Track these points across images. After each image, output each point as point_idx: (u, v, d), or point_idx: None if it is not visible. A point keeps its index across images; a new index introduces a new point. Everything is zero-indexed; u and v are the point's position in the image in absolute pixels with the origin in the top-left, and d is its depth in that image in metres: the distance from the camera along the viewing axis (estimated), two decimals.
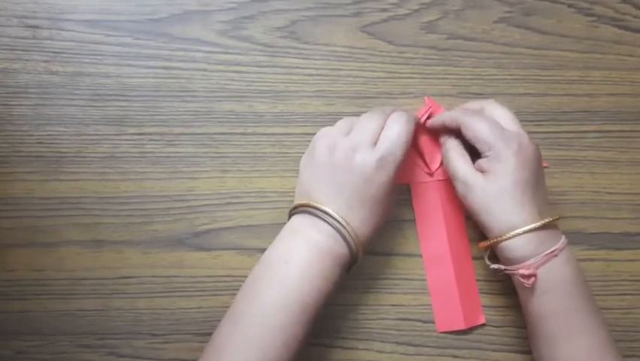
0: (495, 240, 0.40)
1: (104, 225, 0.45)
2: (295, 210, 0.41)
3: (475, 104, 0.44)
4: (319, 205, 0.39)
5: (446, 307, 0.46)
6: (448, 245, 0.46)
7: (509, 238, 0.39)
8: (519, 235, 0.39)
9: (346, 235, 0.39)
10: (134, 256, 0.45)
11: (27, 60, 0.45)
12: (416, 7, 0.48)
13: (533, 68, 0.48)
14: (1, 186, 0.45)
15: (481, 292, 0.46)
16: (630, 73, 0.48)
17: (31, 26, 0.45)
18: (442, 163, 0.46)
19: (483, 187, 0.40)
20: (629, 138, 0.48)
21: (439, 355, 0.46)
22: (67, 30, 0.45)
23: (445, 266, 0.46)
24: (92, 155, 0.45)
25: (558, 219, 0.40)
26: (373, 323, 0.46)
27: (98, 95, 0.45)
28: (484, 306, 0.46)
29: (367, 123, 0.41)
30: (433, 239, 0.46)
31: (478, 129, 0.41)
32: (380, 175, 0.40)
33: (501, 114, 0.42)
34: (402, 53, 0.47)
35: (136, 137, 0.45)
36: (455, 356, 0.46)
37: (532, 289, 0.39)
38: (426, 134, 0.46)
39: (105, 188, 0.45)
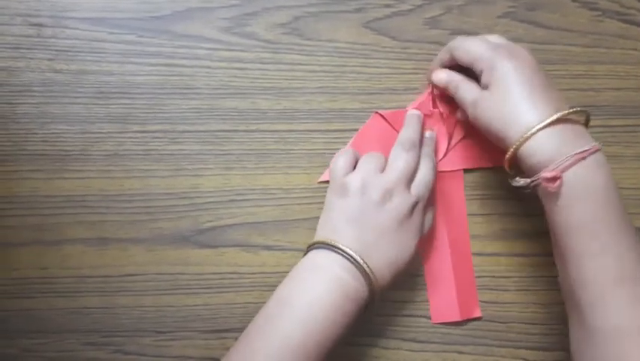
0: (514, 147, 0.37)
1: (108, 222, 0.45)
2: (317, 245, 0.40)
3: None
4: (344, 247, 0.38)
5: (442, 298, 0.46)
6: (447, 236, 0.46)
7: (526, 140, 0.36)
8: (535, 133, 0.36)
9: (370, 278, 0.38)
10: (139, 254, 0.45)
11: (31, 58, 0.45)
12: (419, 3, 0.48)
13: (538, 62, 0.48)
14: (5, 185, 0.45)
15: (486, 288, 0.46)
16: (635, 67, 0.48)
17: (34, 24, 0.45)
18: (446, 154, 0.46)
19: (488, 98, 0.39)
20: (634, 132, 0.48)
21: (444, 351, 0.46)
22: (70, 28, 0.45)
23: (443, 258, 0.46)
24: (96, 153, 0.45)
25: (580, 112, 0.38)
26: (378, 319, 0.46)
27: (102, 92, 0.45)
28: (489, 302, 0.46)
29: (401, 164, 0.41)
30: (433, 230, 0.46)
31: (468, 47, 0.41)
32: (413, 219, 0.40)
33: (489, 36, 0.42)
34: (405, 48, 0.47)
35: (140, 134, 0.45)
36: (460, 352, 0.46)
37: (556, 197, 0.36)
38: (432, 124, 0.46)
39: (109, 186, 0.45)
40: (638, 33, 0.48)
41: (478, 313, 0.46)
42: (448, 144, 0.46)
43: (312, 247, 0.40)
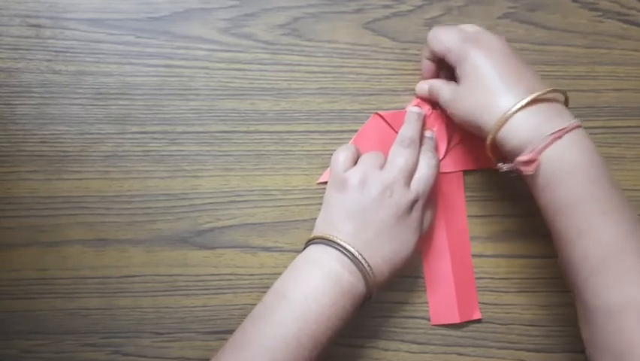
0: (491, 134, 0.37)
1: (107, 224, 0.45)
2: (316, 240, 0.40)
3: None
4: (343, 242, 0.38)
5: (442, 300, 0.45)
6: (446, 238, 0.46)
7: (502, 125, 0.37)
8: (509, 117, 0.36)
9: (367, 274, 0.38)
10: (137, 255, 0.45)
11: (30, 59, 0.45)
12: (419, 4, 0.47)
13: (538, 63, 0.47)
14: (4, 186, 0.45)
15: (486, 290, 0.46)
16: (636, 68, 0.48)
17: (33, 25, 0.45)
18: (445, 155, 0.46)
19: (462, 91, 0.40)
20: (635, 133, 0.48)
21: (443, 353, 0.46)
22: (69, 29, 0.45)
23: (443, 259, 0.45)
24: (95, 154, 0.45)
25: (556, 92, 0.37)
26: (378, 320, 0.46)
27: (101, 93, 0.45)
28: (489, 304, 0.46)
29: (400, 160, 0.41)
30: (433, 231, 0.46)
31: (440, 39, 0.41)
32: (412, 216, 0.40)
33: (463, 25, 0.42)
34: (405, 49, 0.47)
35: (139, 135, 0.45)
36: (460, 354, 0.46)
37: (536, 180, 0.36)
38: (431, 125, 0.46)
39: (108, 187, 0.45)
40: (638, 34, 0.48)
41: (477, 316, 0.46)
42: (448, 144, 0.46)
43: (310, 241, 0.40)
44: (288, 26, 0.47)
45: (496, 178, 0.47)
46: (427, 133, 0.45)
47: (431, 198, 0.44)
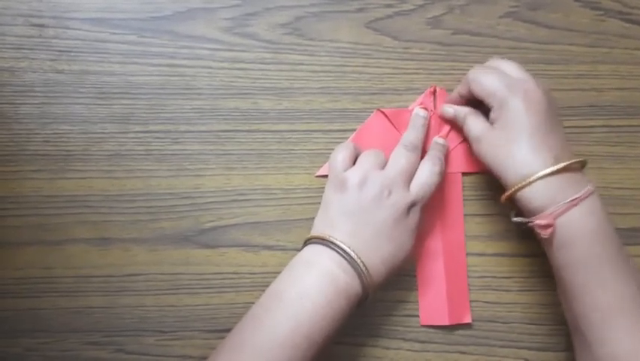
0: (511, 190, 0.38)
1: (110, 222, 0.45)
2: (313, 240, 0.40)
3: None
4: (340, 243, 0.39)
5: (432, 301, 0.45)
6: (441, 239, 0.46)
7: (524, 187, 0.38)
8: (533, 182, 0.37)
9: (363, 274, 0.38)
10: (140, 254, 0.45)
11: (33, 59, 0.45)
12: (421, 3, 0.47)
13: (540, 62, 0.48)
14: (8, 185, 0.45)
15: (489, 289, 0.46)
16: (638, 67, 0.48)
17: (37, 25, 0.45)
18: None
19: (492, 135, 0.40)
20: (637, 132, 0.48)
21: (445, 351, 0.46)
22: (72, 28, 0.46)
23: (436, 260, 0.45)
24: (98, 153, 0.45)
25: (578, 162, 0.38)
26: (380, 319, 0.46)
27: (104, 93, 0.46)
28: (491, 303, 0.46)
29: (402, 161, 0.41)
30: (428, 231, 0.46)
31: (484, 82, 0.41)
32: (409, 218, 0.41)
33: (506, 66, 0.42)
34: (407, 48, 0.47)
35: (141, 135, 0.46)
36: (462, 353, 0.46)
37: (551, 240, 0.38)
38: (431, 125, 0.46)
39: (111, 186, 0.45)
40: None
41: (467, 320, 0.45)
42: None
43: (308, 241, 0.40)
44: (290, 25, 0.47)
45: None
46: (439, 140, 0.45)
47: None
